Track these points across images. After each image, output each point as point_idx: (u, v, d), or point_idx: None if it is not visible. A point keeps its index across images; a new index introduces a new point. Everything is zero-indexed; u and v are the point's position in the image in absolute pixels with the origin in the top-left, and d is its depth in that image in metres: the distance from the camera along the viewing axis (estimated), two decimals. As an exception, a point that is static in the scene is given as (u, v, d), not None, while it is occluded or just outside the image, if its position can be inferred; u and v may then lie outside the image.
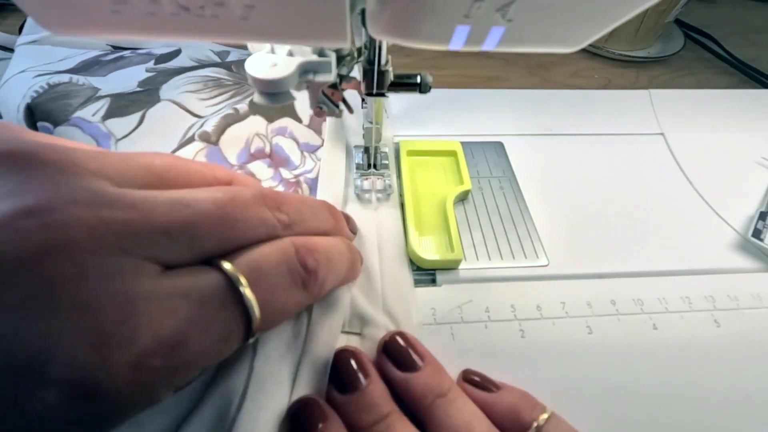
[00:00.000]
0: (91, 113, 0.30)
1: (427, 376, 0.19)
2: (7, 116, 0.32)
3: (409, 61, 0.46)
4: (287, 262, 0.16)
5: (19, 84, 0.32)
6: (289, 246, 0.16)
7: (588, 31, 0.13)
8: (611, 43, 0.48)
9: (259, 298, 0.14)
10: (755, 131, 0.37)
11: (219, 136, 0.29)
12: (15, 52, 0.36)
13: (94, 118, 0.30)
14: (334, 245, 0.19)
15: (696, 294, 0.26)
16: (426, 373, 0.19)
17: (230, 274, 0.14)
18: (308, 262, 0.16)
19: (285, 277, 0.16)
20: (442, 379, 0.20)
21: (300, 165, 0.30)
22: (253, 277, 0.15)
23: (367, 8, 0.14)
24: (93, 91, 0.32)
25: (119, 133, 0.29)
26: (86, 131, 0.29)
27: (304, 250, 0.17)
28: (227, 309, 0.14)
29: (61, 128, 0.29)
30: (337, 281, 0.20)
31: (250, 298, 0.14)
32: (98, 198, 0.13)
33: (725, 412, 0.22)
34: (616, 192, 0.32)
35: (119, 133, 0.29)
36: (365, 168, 0.29)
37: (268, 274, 0.15)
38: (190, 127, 0.30)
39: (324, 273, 0.17)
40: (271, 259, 0.16)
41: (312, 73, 0.21)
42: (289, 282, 0.16)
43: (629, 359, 0.23)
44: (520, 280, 0.26)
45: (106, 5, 0.12)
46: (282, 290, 0.16)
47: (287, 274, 0.16)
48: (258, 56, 0.20)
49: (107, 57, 0.36)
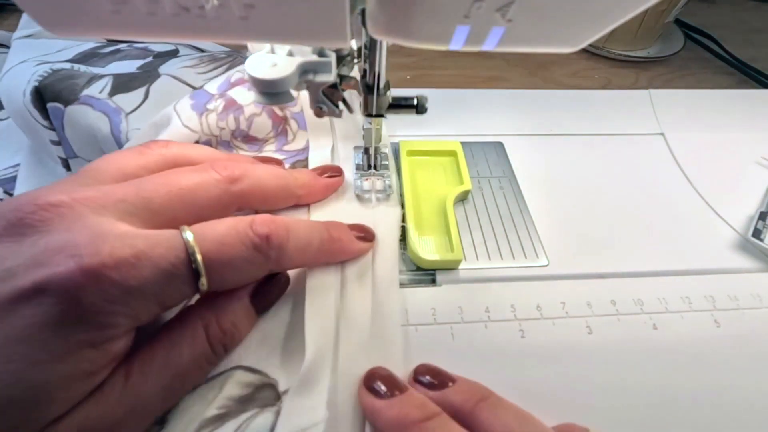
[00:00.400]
0: (98, 90, 0.30)
1: (464, 385, 0.19)
2: (10, 103, 0.33)
3: (409, 61, 0.46)
4: (237, 225, 0.19)
5: (21, 72, 0.32)
6: (248, 218, 0.19)
7: (588, 31, 0.13)
8: (611, 43, 0.48)
9: (202, 247, 0.17)
10: (755, 131, 0.37)
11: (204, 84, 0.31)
12: (11, 46, 0.36)
13: (101, 95, 0.30)
14: (302, 221, 0.22)
15: (696, 294, 0.26)
16: (461, 384, 0.19)
17: (182, 230, 0.17)
18: (258, 228, 0.19)
19: (233, 237, 0.18)
20: (479, 386, 0.19)
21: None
22: (200, 231, 0.18)
23: (367, 8, 0.14)
24: (95, 75, 0.32)
25: (128, 107, 0.30)
26: (96, 108, 0.30)
27: (259, 220, 0.19)
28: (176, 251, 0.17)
29: (72, 107, 0.30)
30: (304, 252, 0.21)
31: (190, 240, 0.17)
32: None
33: (725, 412, 0.22)
34: (616, 192, 0.32)
35: (128, 107, 0.30)
36: (365, 168, 0.29)
37: (219, 233, 0.18)
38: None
39: (279, 239, 0.20)
40: (227, 223, 0.19)
41: (312, 73, 0.21)
42: (236, 241, 0.18)
43: (629, 359, 0.23)
44: (520, 280, 0.26)
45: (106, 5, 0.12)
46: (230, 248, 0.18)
47: (235, 234, 0.18)
48: (258, 56, 0.20)
49: (104, 50, 0.36)
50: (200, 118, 0.28)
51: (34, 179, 0.34)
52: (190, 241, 0.17)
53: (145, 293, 0.16)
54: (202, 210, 0.20)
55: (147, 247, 0.16)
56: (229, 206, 0.22)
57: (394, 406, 0.18)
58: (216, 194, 0.21)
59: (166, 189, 0.19)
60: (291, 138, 0.32)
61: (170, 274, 0.16)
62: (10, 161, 0.36)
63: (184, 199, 0.20)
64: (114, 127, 0.29)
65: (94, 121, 0.29)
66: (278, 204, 0.26)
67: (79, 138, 0.31)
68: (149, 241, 0.17)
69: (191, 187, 0.20)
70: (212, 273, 0.17)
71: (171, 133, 0.27)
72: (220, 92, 0.29)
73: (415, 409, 0.17)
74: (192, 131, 0.28)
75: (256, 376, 0.20)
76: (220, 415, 0.18)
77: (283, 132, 0.32)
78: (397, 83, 0.42)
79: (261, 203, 0.25)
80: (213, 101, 0.29)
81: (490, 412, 0.17)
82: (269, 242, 0.19)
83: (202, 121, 0.28)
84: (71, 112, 0.30)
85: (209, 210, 0.20)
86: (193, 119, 0.28)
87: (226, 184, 0.21)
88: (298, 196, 0.26)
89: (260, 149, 0.31)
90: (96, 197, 0.17)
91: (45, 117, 0.31)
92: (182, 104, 0.29)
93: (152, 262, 0.16)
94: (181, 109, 0.28)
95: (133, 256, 0.16)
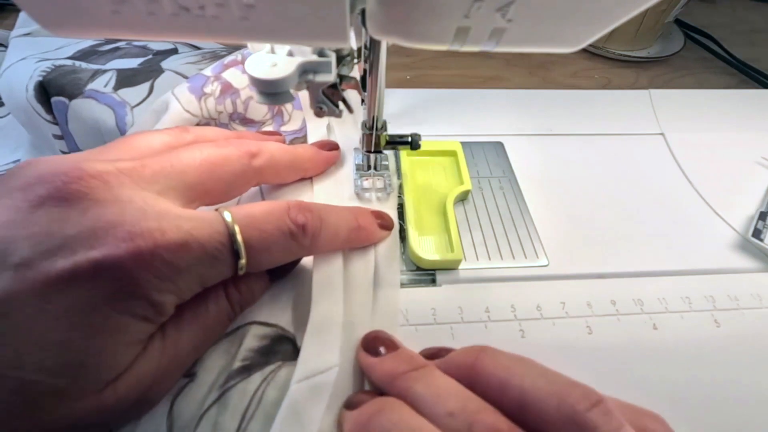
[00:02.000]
0: (102, 84, 0.31)
1: (464, 348, 0.20)
2: (11, 99, 0.33)
3: (409, 61, 0.46)
4: (274, 210, 0.20)
5: (22, 68, 0.32)
6: (284, 204, 0.20)
7: (588, 31, 0.13)
8: (611, 43, 0.48)
9: (244, 232, 0.18)
10: (755, 131, 0.37)
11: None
12: (9, 44, 0.36)
13: (106, 89, 0.30)
14: (333, 209, 0.23)
15: (696, 294, 0.26)
16: (462, 348, 0.20)
17: (222, 213, 0.18)
18: (297, 217, 0.20)
19: (272, 224, 0.19)
20: (478, 345, 0.20)
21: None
22: (244, 220, 0.18)
23: (367, 8, 0.14)
24: (98, 70, 0.32)
25: (133, 101, 0.30)
26: (101, 101, 0.30)
27: (294, 207, 0.20)
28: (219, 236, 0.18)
29: (77, 101, 0.30)
30: (333, 240, 0.22)
31: (232, 224, 0.18)
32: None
33: (725, 411, 0.22)
34: (616, 192, 0.32)
35: (133, 101, 0.30)
36: (365, 169, 0.29)
37: (257, 220, 0.19)
38: None
39: (314, 229, 0.20)
40: (263, 208, 0.20)
41: (312, 73, 0.21)
42: (275, 228, 0.19)
43: (629, 359, 0.23)
44: (520, 280, 0.26)
45: (106, 5, 0.12)
46: (269, 234, 0.19)
47: (275, 221, 0.19)
48: (258, 56, 0.20)
49: (103, 48, 0.36)
50: (199, 103, 0.29)
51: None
52: (232, 225, 0.18)
53: (192, 273, 0.17)
54: (229, 185, 0.22)
55: (193, 228, 0.17)
56: (251, 180, 0.23)
57: (386, 362, 0.19)
58: (240, 169, 0.22)
59: (197, 162, 0.20)
60: (287, 119, 0.33)
61: (214, 257, 0.18)
62: (9, 158, 0.36)
63: (214, 172, 0.21)
64: (119, 120, 0.29)
65: (99, 114, 0.29)
66: (289, 178, 0.27)
67: (84, 132, 0.31)
68: (194, 222, 0.17)
69: (219, 161, 0.21)
70: (250, 257, 0.19)
71: (171, 117, 0.28)
72: (215, 74, 0.30)
73: (404, 363, 0.19)
74: (192, 115, 0.29)
75: (270, 329, 0.22)
76: (245, 366, 0.20)
77: (279, 113, 0.33)
78: (397, 83, 0.43)
79: (274, 178, 0.26)
80: (209, 84, 0.30)
81: (491, 359, 0.18)
82: (305, 231, 0.20)
83: (201, 105, 0.29)
84: (76, 106, 0.30)
85: (234, 185, 0.22)
86: (193, 103, 0.29)
87: (248, 158, 0.22)
88: (305, 169, 0.27)
89: (258, 131, 0.32)
90: (136, 169, 0.18)
91: (48, 111, 0.31)
92: (180, 88, 0.29)
93: (199, 245, 0.17)
94: (179, 92, 0.29)
95: (181, 238, 0.17)
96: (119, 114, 0.29)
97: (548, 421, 0.15)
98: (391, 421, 0.16)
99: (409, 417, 0.16)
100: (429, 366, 0.18)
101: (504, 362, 0.17)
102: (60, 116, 0.31)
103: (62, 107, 0.30)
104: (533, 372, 0.17)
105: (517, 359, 0.18)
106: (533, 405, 0.16)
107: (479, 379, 0.17)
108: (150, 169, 0.18)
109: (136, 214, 0.16)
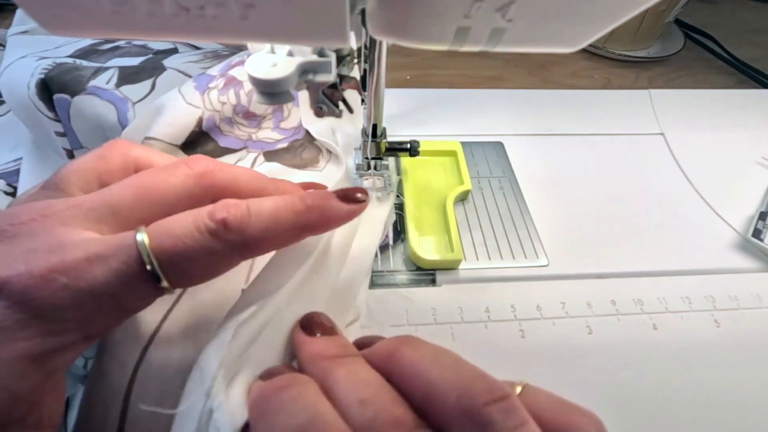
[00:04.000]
0: (105, 81, 0.31)
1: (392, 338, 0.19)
2: (12, 97, 0.33)
3: (409, 61, 0.46)
4: (193, 215, 0.18)
5: (23, 66, 0.32)
6: (206, 206, 0.18)
7: (588, 31, 0.13)
8: (611, 43, 0.48)
9: (154, 240, 0.17)
10: (755, 131, 0.37)
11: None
12: (7, 42, 0.36)
13: (108, 86, 0.30)
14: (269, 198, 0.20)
15: (696, 294, 0.26)
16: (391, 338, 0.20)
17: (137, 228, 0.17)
18: (216, 213, 0.18)
19: (187, 226, 0.17)
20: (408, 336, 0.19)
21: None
22: (156, 227, 0.17)
23: (367, 8, 0.14)
24: (100, 67, 0.33)
25: (135, 97, 0.30)
26: (104, 98, 0.30)
27: (219, 205, 0.18)
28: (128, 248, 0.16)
29: (79, 97, 0.30)
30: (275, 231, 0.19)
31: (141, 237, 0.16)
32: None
33: (725, 411, 0.22)
34: (616, 192, 0.32)
35: (135, 97, 0.30)
36: (365, 169, 0.29)
37: (171, 224, 0.17)
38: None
39: (237, 222, 0.18)
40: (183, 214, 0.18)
41: (312, 73, 0.21)
42: (191, 230, 0.17)
43: (629, 359, 0.23)
44: (520, 280, 0.26)
45: (106, 5, 0.12)
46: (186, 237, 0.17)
47: (191, 222, 0.18)
48: (258, 56, 0.20)
49: (103, 46, 0.36)
50: (202, 96, 0.29)
51: (37, 172, 0.34)
52: (140, 238, 0.16)
53: (98, 296, 0.16)
54: (173, 208, 0.19)
55: (101, 248, 0.16)
56: (202, 200, 0.20)
57: (318, 342, 0.19)
58: (185, 189, 0.20)
59: (131, 191, 0.19)
60: (286, 114, 0.33)
61: (123, 273, 0.16)
62: (10, 156, 0.36)
63: (152, 198, 0.19)
64: (121, 116, 0.29)
65: (101, 110, 0.30)
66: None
67: (86, 128, 0.31)
68: (104, 243, 0.16)
69: (157, 185, 0.19)
70: (171, 268, 0.17)
71: (174, 109, 0.28)
72: (221, 73, 0.31)
73: (334, 347, 0.18)
74: (195, 107, 0.29)
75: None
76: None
77: (279, 109, 0.33)
78: (397, 83, 0.43)
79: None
80: (214, 81, 0.30)
81: (410, 349, 0.17)
82: (226, 226, 0.18)
83: (204, 98, 0.29)
84: (78, 103, 0.30)
85: (180, 207, 0.19)
86: (196, 97, 0.29)
87: (196, 178, 0.20)
88: (296, 212, 0.21)
89: (259, 125, 0.32)
90: (63, 210, 0.17)
91: (50, 108, 0.31)
92: (186, 86, 0.30)
93: (103, 263, 0.16)
94: (185, 90, 0.29)
95: (84, 258, 0.16)
96: (121, 110, 0.30)
97: (447, 414, 0.15)
98: (292, 397, 0.16)
99: (311, 396, 0.16)
100: (358, 356, 0.18)
101: (420, 353, 0.17)
102: (62, 113, 0.31)
103: (64, 104, 0.30)
104: (445, 363, 0.16)
105: (434, 350, 0.17)
106: (436, 397, 0.15)
107: (395, 369, 0.17)
108: (81, 207, 0.18)
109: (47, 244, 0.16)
